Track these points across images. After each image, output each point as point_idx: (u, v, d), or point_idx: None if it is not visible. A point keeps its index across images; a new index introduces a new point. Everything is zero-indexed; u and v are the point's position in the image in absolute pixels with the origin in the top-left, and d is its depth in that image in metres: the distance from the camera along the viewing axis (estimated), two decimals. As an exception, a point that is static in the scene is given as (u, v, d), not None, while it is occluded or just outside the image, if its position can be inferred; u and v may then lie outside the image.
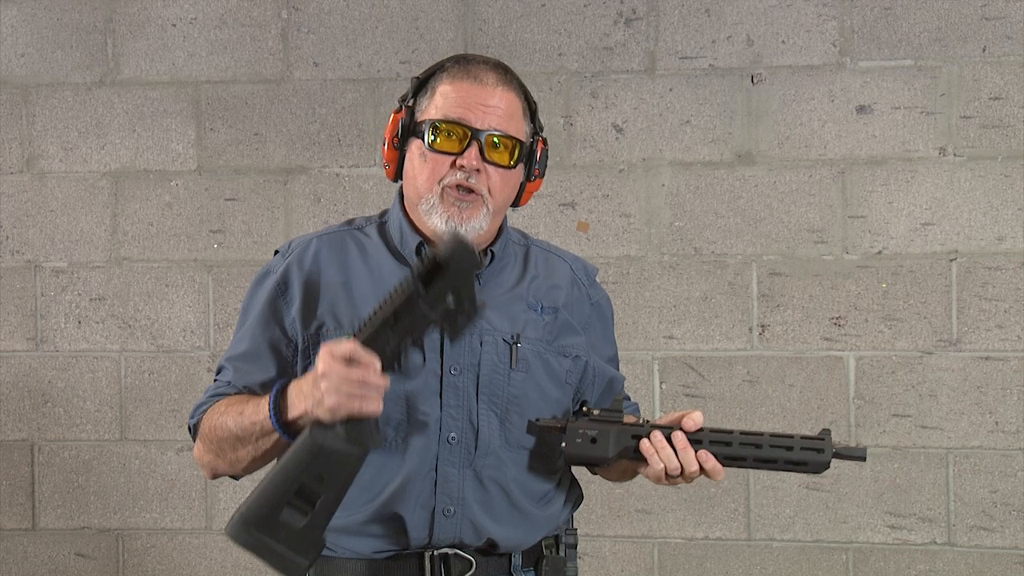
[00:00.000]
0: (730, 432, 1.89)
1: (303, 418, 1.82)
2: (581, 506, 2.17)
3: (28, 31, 3.74)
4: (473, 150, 1.92)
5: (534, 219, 3.57)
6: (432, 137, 1.93)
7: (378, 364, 1.76)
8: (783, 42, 3.51)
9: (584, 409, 1.94)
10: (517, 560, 1.98)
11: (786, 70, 3.51)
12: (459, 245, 1.76)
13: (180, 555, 3.74)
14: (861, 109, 3.48)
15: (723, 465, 1.88)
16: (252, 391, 1.98)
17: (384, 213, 2.08)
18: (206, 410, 1.99)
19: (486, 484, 1.95)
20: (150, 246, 3.72)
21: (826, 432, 1.87)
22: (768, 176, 3.52)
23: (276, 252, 2.07)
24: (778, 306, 3.51)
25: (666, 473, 1.89)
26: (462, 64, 1.97)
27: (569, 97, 3.58)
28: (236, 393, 1.99)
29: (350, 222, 2.09)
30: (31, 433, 3.77)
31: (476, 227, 1.95)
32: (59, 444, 3.76)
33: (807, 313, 3.51)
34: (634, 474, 2.04)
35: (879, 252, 3.48)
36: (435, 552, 1.93)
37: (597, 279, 2.17)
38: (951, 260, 3.46)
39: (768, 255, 3.53)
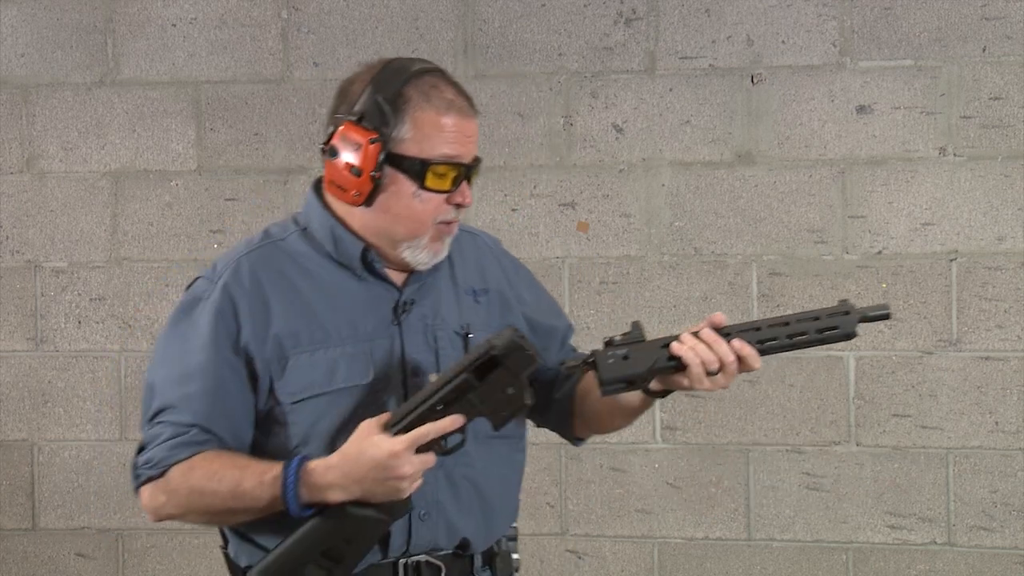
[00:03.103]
0: (755, 321, 1.91)
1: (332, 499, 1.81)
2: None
3: (28, 31, 3.74)
4: (466, 185, 1.91)
5: (534, 219, 3.58)
6: (427, 178, 1.88)
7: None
8: (783, 42, 3.51)
9: (607, 341, 1.91)
10: (478, 561, 1.98)
11: (786, 70, 3.51)
12: (516, 341, 1.77)
13: (180, 555, 3.74)
14: (861, 109, 3.48)
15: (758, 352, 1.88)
16: (232, 439, 1.89)
17: (295, 219, 1.99)
18: (174, 464, 1.86)
19: (457, 481, 1.94)
20: (150, 246, 3.72)
21: (845, 301, 1.89)
22: (768, 176, 3.52)
23: (198, 278, 1.95)
24: (778, 306, 3.51)
25: (706, 371, 1.88)
26: (434, 89, 1.90)
27: (569, 97, 3.58)
28: (216, 446, 1.88)
29: (266, 234, 1.99)
30: (31, 433, 3.77)
31: (447, 247, 1.95)
32: (59, 444, 3.76)
33: (807, 313, 3.51)
34: (634, 415, 2.05)
35: (879, 252, 3.48)
36: (409, 560, 1.92)
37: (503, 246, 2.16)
38: (951, 260, 3.46)
39: (768, 255, 3.53)
